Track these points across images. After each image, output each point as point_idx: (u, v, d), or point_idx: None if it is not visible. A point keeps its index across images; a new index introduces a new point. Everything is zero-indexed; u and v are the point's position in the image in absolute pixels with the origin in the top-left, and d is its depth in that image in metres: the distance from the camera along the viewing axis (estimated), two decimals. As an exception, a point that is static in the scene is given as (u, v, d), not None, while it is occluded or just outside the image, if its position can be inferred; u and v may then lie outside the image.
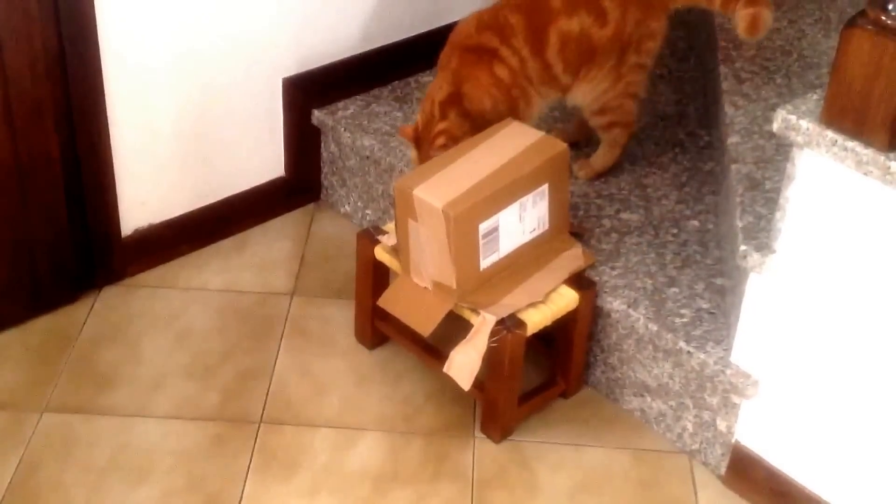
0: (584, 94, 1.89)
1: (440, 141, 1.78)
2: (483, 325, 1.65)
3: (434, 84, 1.84)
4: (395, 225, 1.72)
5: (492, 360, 1.67)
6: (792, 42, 2.15)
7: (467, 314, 1.68)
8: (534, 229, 1.74)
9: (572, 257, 1.76)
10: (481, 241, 1.66)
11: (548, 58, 1.81)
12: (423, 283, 1.70)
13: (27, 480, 1.64)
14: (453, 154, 1.72)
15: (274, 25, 2.03)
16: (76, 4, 1.73)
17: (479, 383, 1.71)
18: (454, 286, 1.65)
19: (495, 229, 1.67)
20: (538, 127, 1.82)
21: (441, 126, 1.78)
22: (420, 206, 1.63)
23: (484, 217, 1.64)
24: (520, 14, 1.79)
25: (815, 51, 2.11)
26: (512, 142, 1.73)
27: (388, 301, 1.74)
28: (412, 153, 1.86)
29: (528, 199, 1.70)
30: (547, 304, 1.70)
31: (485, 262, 1.68)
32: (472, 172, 1.66)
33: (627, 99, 1.93)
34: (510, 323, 1.65)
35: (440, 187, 1.63)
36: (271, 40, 2.05)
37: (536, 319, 1.68)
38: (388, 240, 1.78)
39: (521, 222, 1.71)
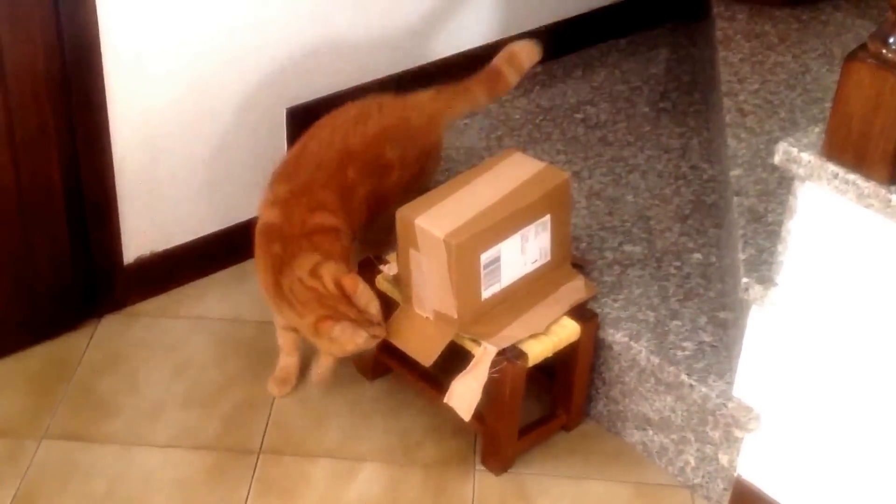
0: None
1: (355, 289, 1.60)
2: (484, 355, 1.64)
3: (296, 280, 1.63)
4: (397, 254, 1.72)
5: (492, 391, 1.66)
6: (796, 76, 2.15)
7: (468, 344, 1.68)
8: (535, 260, 1.73)
9: (574, 289, 1.76)
10: (483, 272, 1.65)
11: (353, 217, 1.75)
12: (424, 313, 1.69)
13: (24, 508, 1.63)
14: (455, 184, 1.72)
15: (278, 56, 2.05)
16: (80, 32, 1.75)
17: (479, 415, 1.69)
18: (455, 316, 1.65)
19: (497, 260, 1.67)
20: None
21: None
22: (421, 236, 1.63)
23: (485, 247, 1.64)
24: (330, 190, 1.72)
25: (818, 85, 2.12)
26: (514, 172, 1.74)
27: (389, 331, 1.73)
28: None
29: (529, 230, 1.70)
30: (548, 335, 1.69)
31: (486, 293, 1.67)
32: (473, 203, 1.66)
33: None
34: (511, 354, 1.64)
35: (442, 217, 1.63)
36: (275, 70, 2.06)
37: (537, 351, 1.67)
38: (390, 269, 1.78)
39: (522, 253, 1.70)
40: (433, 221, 1.62)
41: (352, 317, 1.61)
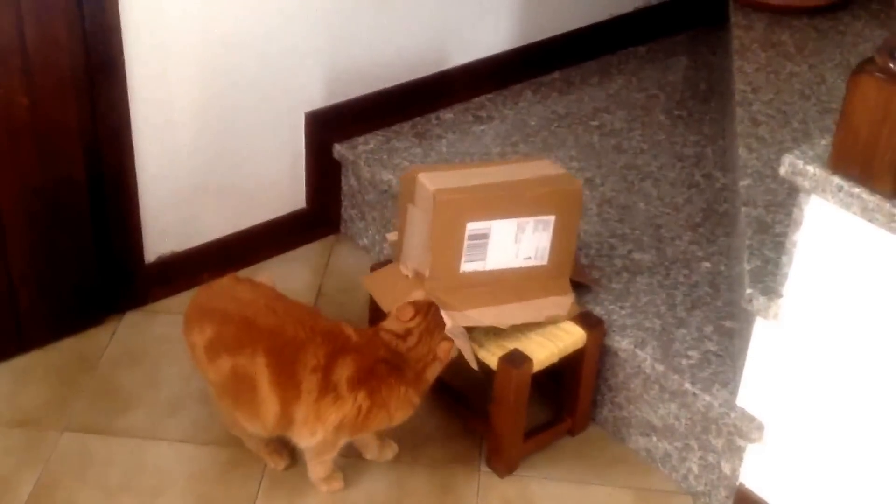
0: None
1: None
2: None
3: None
4: (398, 212, 1.75)
5: (498, 394, 1.69)
6: (811, 86, 2.15)
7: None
8: (529, 258, 1.72)
9: (557, 305, 1.73)
10: (466, 242, 1.65)
11: None
12: (405, 270, 1.73)
13: (43, 497, 1.68)
14: (474, 165, 1.79)
15: (298, 60, 2.08)
16: (103, 33, 1.79)
17: (485, 417, 1.72)
18: (427, 274, 1.66)
19: (485, 236, 1.67)
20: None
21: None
22: (418, 189, 1.67)
23: (474, 216, 1.64)
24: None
25: (834, 96, 2.11)
26: (533, 170, 1.76)
27: (370, 281, 1.77)
28: None
29: (528, 222, 1.69)
30: (553, 341, 1.70)
31: (466, 266, 1.67)
32: (480, 178, 1.70)
33: None
34: (516, 359, 1.66)
35: (444, 179, 1.67)
36: (295, 75, 2.09)
37: (543, 357, 1.68)
38: (392, 236, 1.82)
39: (515, 242, 1.69)
40: (433, 179, 1.66)
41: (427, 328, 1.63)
